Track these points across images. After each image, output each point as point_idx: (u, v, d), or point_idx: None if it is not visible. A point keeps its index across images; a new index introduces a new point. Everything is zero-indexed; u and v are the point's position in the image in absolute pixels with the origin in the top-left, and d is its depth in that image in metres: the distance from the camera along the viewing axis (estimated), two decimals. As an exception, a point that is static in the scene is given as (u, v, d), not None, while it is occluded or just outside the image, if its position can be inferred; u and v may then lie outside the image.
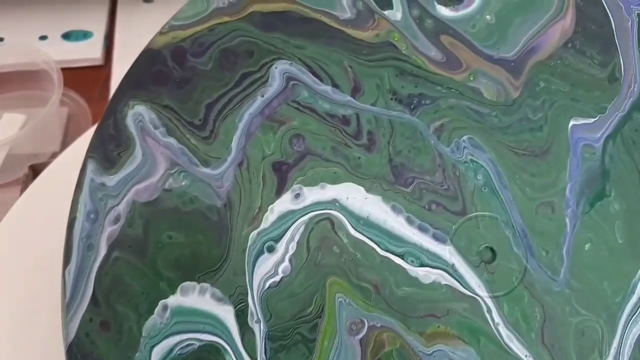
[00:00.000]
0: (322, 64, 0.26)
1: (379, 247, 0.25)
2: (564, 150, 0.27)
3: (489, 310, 0.25)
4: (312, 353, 0.24)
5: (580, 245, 0.26)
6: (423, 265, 0.25)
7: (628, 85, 0.28)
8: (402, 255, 0.25)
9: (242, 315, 0.24)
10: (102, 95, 0.52)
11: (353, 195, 0.25)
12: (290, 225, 0.25)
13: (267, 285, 0.24)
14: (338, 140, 0.26)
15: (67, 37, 0.56)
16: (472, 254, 0.25)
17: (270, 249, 0.24)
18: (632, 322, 0.25)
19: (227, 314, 0.24)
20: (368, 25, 0.27)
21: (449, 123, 0.26)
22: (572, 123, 0.27)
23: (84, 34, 0.56)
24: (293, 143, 0.26)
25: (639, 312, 0.25)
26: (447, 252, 0.25)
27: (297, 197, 0.25)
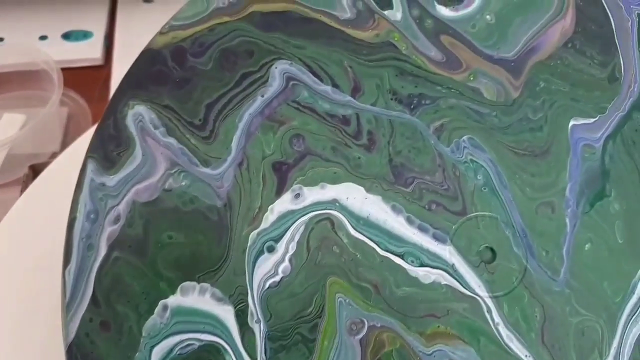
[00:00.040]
0: (322, 64, 0.26)
1: (379, 247, 0.25)
2: (564, 150, 0.27)
3: (489, 310, 0.25)
4: (312, 353, 0.24)
5: (580, 245, 0.26)
6: (423, 265, 0.25)
7: (628, 85, 0.27)
8: (402, 255, 0.25)
9: (242, 315, 0.24)
10: (102, 95, 0.52)
11: (353, 195, 0.25)
12: (290, 225, 0.25)
13: (267, 285, 0.24)
14: (338, 140, 0.26)
15: (67, 37, 0.56)
16: (472, 254, 0.25)
17: (270, 249, 0.24)
18: (632, 322, 0.25)
19: (227, 314, 0.24)
20: (368, 25, 0.27)
21: (449, 123, 0.26)
22: (572, 123, 0.27)
23: (84, 34, 0.56)
24: (293, 143, 0.26)
25: (639, 312, 0.25)
26: (447, 252, 0.25)
27: (297, 197, 0.25)
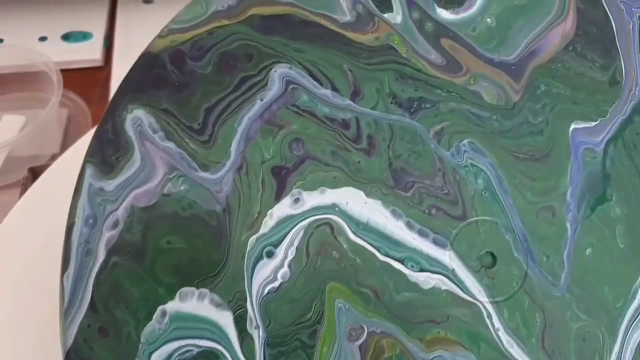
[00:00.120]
0: (321, 68, 0.26)
1: (379, 252, 0.25)
2: (565, 154, 0.26)
3: (489, 316, 0.24)
4: (311, 359, 0.24)
5: (581, 250, 0.25)
6: (423, 270, 0.25)
7: (629, 89, 0.27)
8: (402, 260, 0.25)
9: (241, 321, 0.24)
10: (102, 97, 0.52)
11: (353, 200, 0.25)
12: (290, 230, 0.25)
13: (266, 291, 0.24)
14: (338, 145, 0.26)
15: (66, 38, 0.56)
16: (472, 259, 0.25)
17: (270, 254, 0.24)
18: (633, 327, 0.25)
19: (226, 320, 0.24)
20: (368, 29, 0.27)
21: (449, 127, 0.26)
22: (573, 127, 0.27)
23: (84, 35, 0.56)
24: (292, 147, 0.26)
25: (640, 317, 0.25)
26: (447, 257, 0.25)
27: (296, 201, 0.25)
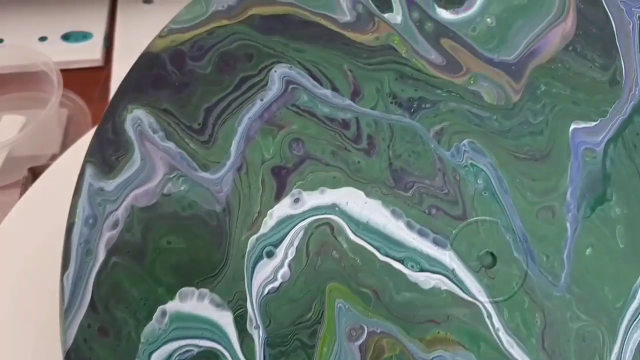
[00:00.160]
0: (321, 68, 0.26)
1: (379, 252, 0.25)
2: (565, 154, 0.26)
3: (489, 316, 0.24)
4: (311, 359, 0.24)
5: (581, 250, 0.25)
6: (423, 270, 0.25)
7: (629, 89, 0.27)
8: (402, 260, 0.25)
9: (241, 321, 0.24)
10: (102, 97, 0.52)
11: (353, 200, 0.25)
12: (290, 230, 0.25)
13: (266, 291, 0.24)
14: (338, 145, 0.26)
15: (66, 38, 0.56)
16: (472, 259, 0.25)
17: (270, 254, 0.24)
18: (633, 327, 0.25)
19: (226, 320, 0.24)
20: (368, 29, 0.27)
21: (449, 127, 0.26)
22: (573, 127, 0.27)
23: (84, 35, 0.56)
24: (292, 147, 0.26)
25: (640, 317, 0.25)
26: (447, 257, 0.25)
27: (296, 201, 0.25)
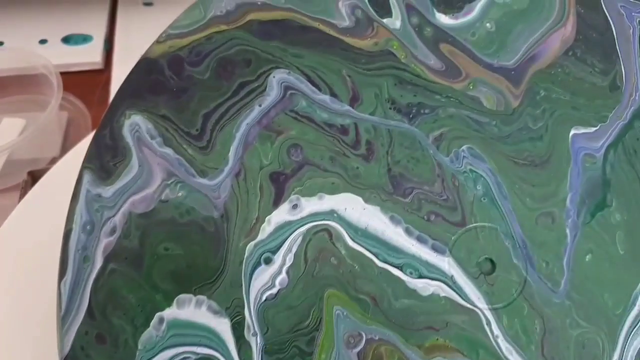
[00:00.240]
0: (320, 73, 0.26)
1: (378, 258, 0.25)
2: (565, 160, 0.26)
3: (488, 323, 0.24)
4: (309, 367, 0.24)
5: (581, 256, 0.25)
6: (422, 277, 0.25)
7: (629, 94, 0.27)
8: (400, 267, 0.25)
9: (238, 328, 0.24)
10: (102, 99, 0.52)
11: (351, 206, 0.25)
12: (288, 237, 0.25)
13: (264, 298, 0.24)
14: (336, 150, 0.26)
15: (66, 40, 0.56)
16: (471, 266, 0.25)
17: (268, 261, 0.24)
18: (633, 334, 0.25)
19: (223, 327, 0.24)
20: (367, 34, 0.27)
21: (448, 132, 0.26)
22: (572, 132, 0.27)
23: (84, 38, 0.56)
24: (291, 153, 0.25)
25: (640, 324, 0.25)
26: (446, 263, 0.25)
27: (294, 207, 0.25)
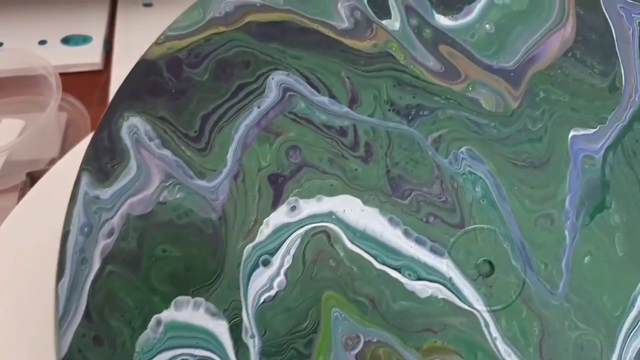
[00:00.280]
0: (319, 75, 0.26)
1: (376, 260, 0.25)
2: (564, 162, 0.26)
3: (487, 325, 0.24)
4: (307, 369, 0.23)
5: (580, 258, 0.25)
6: (420, 279, 0.25)
7: (629, 95, 0.27)
8: (399, 269, 0.25)
9: (236, 330, 0.24)
10: (101, 100, 0.52)
11: (350, 208, 0.25)
12: (286, 239, 0.24)
13: (262, 300, 0.24)
14: (335, 152, 0.26)
15: (66, 41, 0.56)
16: (470, 267, 0.25)
17: (266, 263, 0.24)
18: (631, 336, 0.25)
19: (221, 329, 0.24)
20: (366, 35, 0.27)
21: (447, 134, 0.26)
22: (572, 134, 0.27)
23: (84, 39, 0.56)
24: (289, 155, 0.25)
25: (639, 326, 0.25)
26: (444, 265, 0.25)
27: (293, 209, 0.25)
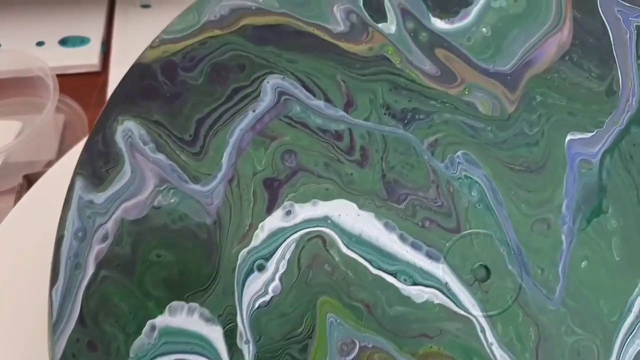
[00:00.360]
0: (314, 78, 0.26)
1: (371, 265, 0.24)
2: (561, 166, 0.26)
3: (483, 330, 0.24)
4: (301, 375, 0.23)
5: (577, 263, 0.25)
6: (416, 284, 0.24)
7: (626, 99, 0.27)
8: (394, 274, 0.24)
9: (231, 336, 0.23)
10: (99, 102, 0.51)
11: (345, 212, 0.25)
12: (281, 243, 0.24)
13: (256, 305, 0.24)
14: (330, 156, 0.26)
15: (64, 43, 0.56)
16: (466, 272, 0.25)
17: (261, 268, 0.24)
18: (628, 341, 0.25)
19: (215, 334, 0.23)
20: (362, 39, 0.27)
21: (443, 138, 0.26)
22: (568, 138, 0.26)
23: (81, 40, 0.56)
24: (284, 159, 0.25)
25: (636, 331, 0.25)
26: (440, 270, 0.25)
27: (288, 214, 0.25)
